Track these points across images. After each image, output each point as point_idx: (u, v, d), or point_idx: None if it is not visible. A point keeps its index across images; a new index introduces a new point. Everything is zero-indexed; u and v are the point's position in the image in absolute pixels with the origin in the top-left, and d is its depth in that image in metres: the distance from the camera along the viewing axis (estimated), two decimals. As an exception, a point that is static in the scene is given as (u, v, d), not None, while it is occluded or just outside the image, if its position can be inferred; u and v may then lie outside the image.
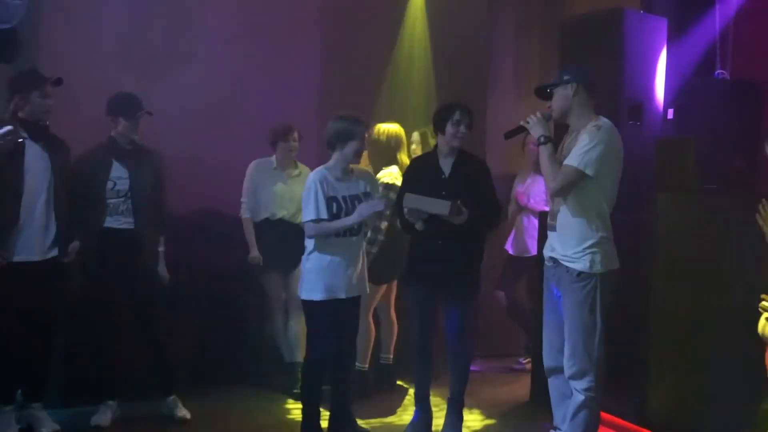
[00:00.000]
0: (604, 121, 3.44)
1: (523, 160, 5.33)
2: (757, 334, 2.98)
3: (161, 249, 4.17)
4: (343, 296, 3.78)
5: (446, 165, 3.92)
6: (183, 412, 4.16)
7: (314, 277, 3.76)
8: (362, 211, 3.71)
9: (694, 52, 5.17)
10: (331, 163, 3.80)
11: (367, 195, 3.83)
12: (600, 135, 3.35)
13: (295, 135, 4.64)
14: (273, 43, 5.30)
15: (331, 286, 3.75)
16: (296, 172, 4.70)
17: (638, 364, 4.13)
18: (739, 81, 5.03)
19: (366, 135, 3.92)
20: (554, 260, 3.52)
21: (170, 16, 4.99)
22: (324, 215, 3.68)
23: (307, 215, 3.71)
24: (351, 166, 3.85)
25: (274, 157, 4.71)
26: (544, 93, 3.58)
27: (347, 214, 3.72)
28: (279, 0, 5.47)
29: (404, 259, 4.12)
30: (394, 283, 4.77)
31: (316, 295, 3.75)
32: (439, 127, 3.91)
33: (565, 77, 3.48)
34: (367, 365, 4.68)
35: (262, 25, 5.30)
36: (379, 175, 4.50)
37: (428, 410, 4.10)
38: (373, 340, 4.69)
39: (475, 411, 4.59)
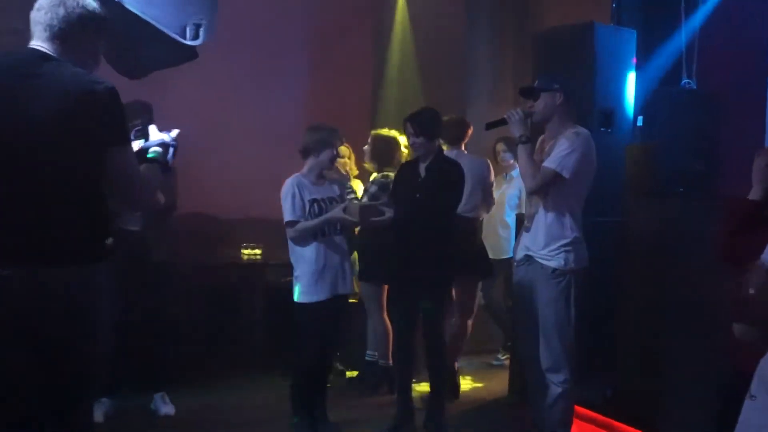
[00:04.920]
0: (581, 129, 3.55)
1: (498, 168, 5.42)
2: (718, 330, 3.05)
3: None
4: (336, 294, 3.91)
5: (423, 169, 4.09)
6: (168, 408, 4.25)
7: (308, 279, 3.86)
8: (335, 213, 3.85)
9: (663, 63, 5.26)
10: (305, 170, 3.96)
11: (341, 198, 3.99)
12: (578, 141, 3.48)
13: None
14: (264, 53, 5.40)
15: (326, 287, 3.87)
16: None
17: (609, 359, 4.20)
18: (703, 90, 5.12)
19: (339, 144, 4.07)
20: (528, 258, 3.62)
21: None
22: (300, 216, 3.83)
23: (285, 216, 3.84)
24: (324, 172, 4.01)
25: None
26: (529, 93, 3.65)
27: None
28: (270, 12, 5.57)
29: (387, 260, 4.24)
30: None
31: (313, 297, 3.86)
32: None
33: (555, 85, 3.56)
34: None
35: (254, 36, 5.39)
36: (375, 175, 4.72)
37: (410, 405, 4.18)
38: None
39: (455, 405, 4.66)
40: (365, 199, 4.44)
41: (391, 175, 4.55)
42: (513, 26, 6.44)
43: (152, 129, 2.66)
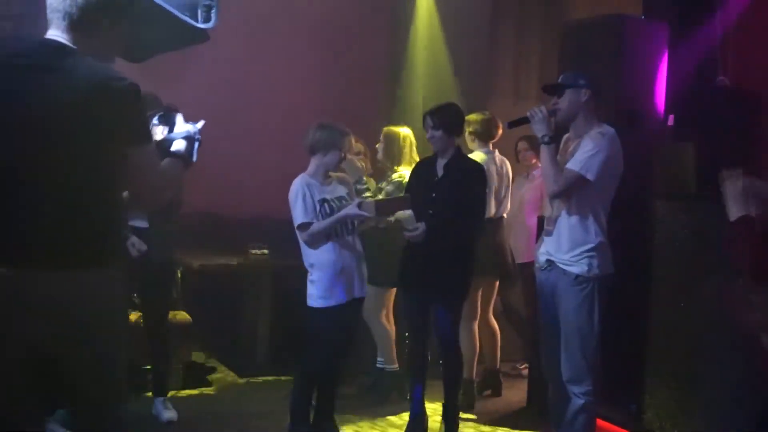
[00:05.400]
0: (607, 128, 3.48)
1: (519, 167, 5.35)
2: (753, 344, 3.01)
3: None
4: (352, 297, 3.82)
5: (440, 167, 3.99)
6: (171, 414, 4.18)
7: (326, 283, 3.76)
8: (350, 210, 3.75)
9: (695, 58, 5.09)
10: (311, 169, 3.87)
11: (350, 197, 3.92)
12: (603, 142, 3.40)
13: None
14: (275, 48, 5.32)
15: (342, 290, 3.79)
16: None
17: (635, 372, 4.13)
18: (739, 88, 5.01)
19: (347, 147, 3.97)
20: (550, 263, 3.54)
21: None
22: (312, 218, 3.73)
23: (297, 219, 3.74)
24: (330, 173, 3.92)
25: None
26: (553, 90, 3.57)
27: None
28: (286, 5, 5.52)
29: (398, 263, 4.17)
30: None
31: (330, 301, 3.77)
32: None
33: (581, 81, 3.49)
34: (397, 365, 4.76)
35: (263, 28, 5.33)
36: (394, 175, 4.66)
37: (423, 415, 4.13)
38: (393, 338, 4.75)
39: (471, 417, 4.61)
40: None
41: (404, 172, 4.50)
42: (539, 19, 6.39)
43: (179, 118, 2.59)
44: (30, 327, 2.19)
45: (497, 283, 4.97)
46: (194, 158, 2.53)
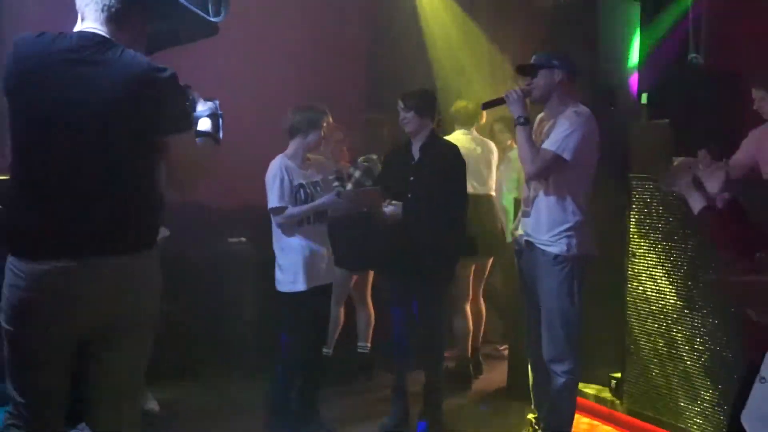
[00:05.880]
0: (582, 108, 3.51)
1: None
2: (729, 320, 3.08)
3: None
4: (321, 283, 3.84)
5: (416, 150, 4.02)
6: (152, 404, 4.18)
7: (294, 267, 3.78)
8: (327, 199, 3.78)
9: (668, 36, 5.15)
10: (290, 151, 3.87)
11: (325, 183, 3.91)
12: (579, 121, 3.43)
13: None
14: (253, 35, 5.31)
15: (312, 275, 3.80)
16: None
17: (614, 350, 4.20)
18: (713, 66, 5.06)
19: (327, 127, 3.97)
20: (529, 244, 3.59)
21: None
22: (287, 202, 3.73)
23: (272, 202, 3.74)
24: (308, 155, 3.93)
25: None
26: (526, 71, 3.61)
27: (313, 201, 3.78)
28: None
29: (377, 248, 4.18)
30: (370, 272, 4.84)
31: (299, 286, 3.78)
32: None
33: (554, 62, 3.53)
34: (331, 350, 4.78)
35: (243, 15, 5.29)
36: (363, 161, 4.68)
37: (405, 400, 4.16)
38: (340, 327, 4.81)
39: (453, 399, 4.61)
40: (349, 186, 4.31)
41: (374, 157, 4.51)
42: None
43: (198, 97, 2.64)
44: (86, 311, 2.33)
45: (490, 261, 5.06)
46: (221, 135, 2.61)
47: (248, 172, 4.27)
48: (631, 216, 4.11)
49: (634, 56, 4.67)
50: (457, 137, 4.83)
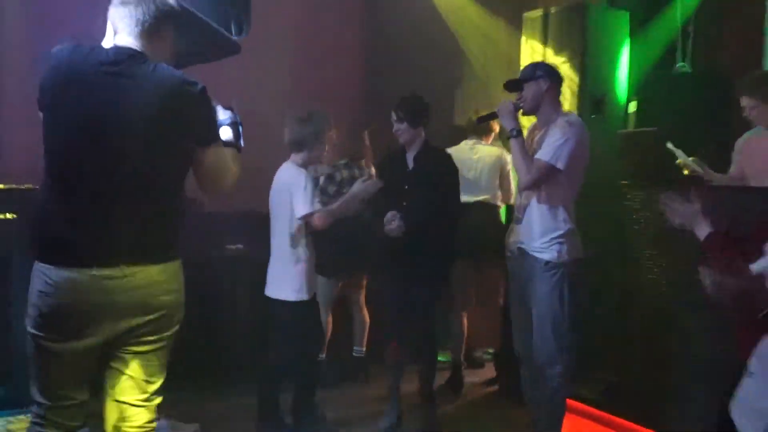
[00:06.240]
0: (573, 117, 3.58)
1: None
2: (721, 321, 3.09)
3: None
4: (315, 291, 3.94)
5: (410, 159, 4.09)
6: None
7: (304, 276, 3.82)
8: (360, 186, 3.86)
9: (657, 45, 5.28)
10: (300, 162, 3.87)
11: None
12: (571, 130, 3.48)
13: None
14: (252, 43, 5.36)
15: (313, 283, 3.90)
16: None
17: (608, 353, 4.23)
18: (701, 73, 5.15)
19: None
20: (521, 251, 3.63)
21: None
22: (316, 205, 3.82)
23: (305, 209, 3.73)
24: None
25: None
26: (514, 86, 3.68)
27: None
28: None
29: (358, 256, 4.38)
30: (364, 276, 4.92)
31: (305, 295, 3.84)
32: None
33: (539, 73, 3.59)
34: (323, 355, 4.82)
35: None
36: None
37: (400, 401, 4.25)
38: (329, 333, 4.83)
39: (447, 400, 4.72)
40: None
41: (341, 162, 4.67)
42: (503, 5, 6.44)
43: (217, 105, 2.68)
44: (115, 318, 2.39)
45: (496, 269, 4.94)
46: (242, 143, 2.68)
47: (245, 180, 4.33)
48: (624, 222, 4.15)
49: (622, 65, 4.70)
50: (460, 147, 4.94)
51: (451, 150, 4.55)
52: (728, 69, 5.02)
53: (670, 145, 4.23)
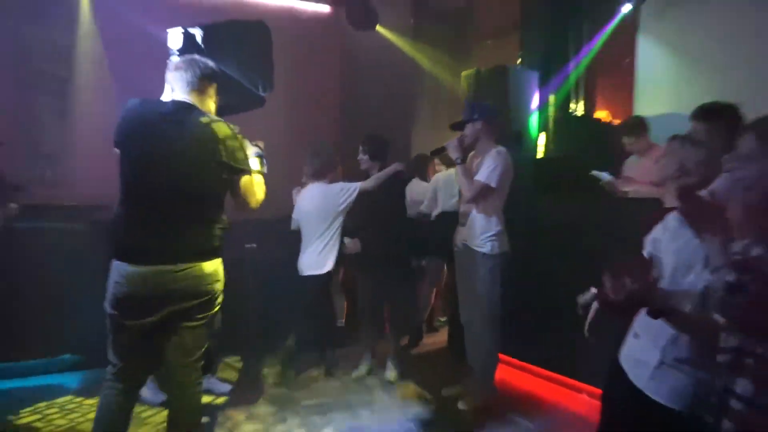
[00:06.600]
0: (501, 148, 3.83)
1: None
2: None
3: None
4: None
5: None
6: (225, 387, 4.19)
7: (335, 251, 4.24)
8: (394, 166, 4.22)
9: (558, 94, 5.53)
10: (329, 181, 4.31)
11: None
12: (500, 158, 3.77)
13: None
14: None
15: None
16: None
17: (538, 320, 4.36)
18: (587, 116, 5.45)
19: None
20: (465, 246, 3.91)
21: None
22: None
23: (363, 185, 4.16)
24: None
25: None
26: (458, 126, 3.92)
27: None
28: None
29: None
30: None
31: (331, 268, 4.24)
32: None
33: (475, 116, 3.82)
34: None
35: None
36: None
37: (374, 355, 4.59)
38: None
39: (407, 359, 4.84)
40: None
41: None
42: (448, 66, 6.62)
43: (245, 140, 2.76)
44: (172, 301, 2.51)
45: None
46: (266, 170, 2.82)
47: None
48: (537, 224, 4.36)
49: (533, 108, 4.85)
50: (449, 172, 5.07)
51: (442, 174, 5.01)
52: (607, 112, 5.39)
53: (594, 172, 4.24)
